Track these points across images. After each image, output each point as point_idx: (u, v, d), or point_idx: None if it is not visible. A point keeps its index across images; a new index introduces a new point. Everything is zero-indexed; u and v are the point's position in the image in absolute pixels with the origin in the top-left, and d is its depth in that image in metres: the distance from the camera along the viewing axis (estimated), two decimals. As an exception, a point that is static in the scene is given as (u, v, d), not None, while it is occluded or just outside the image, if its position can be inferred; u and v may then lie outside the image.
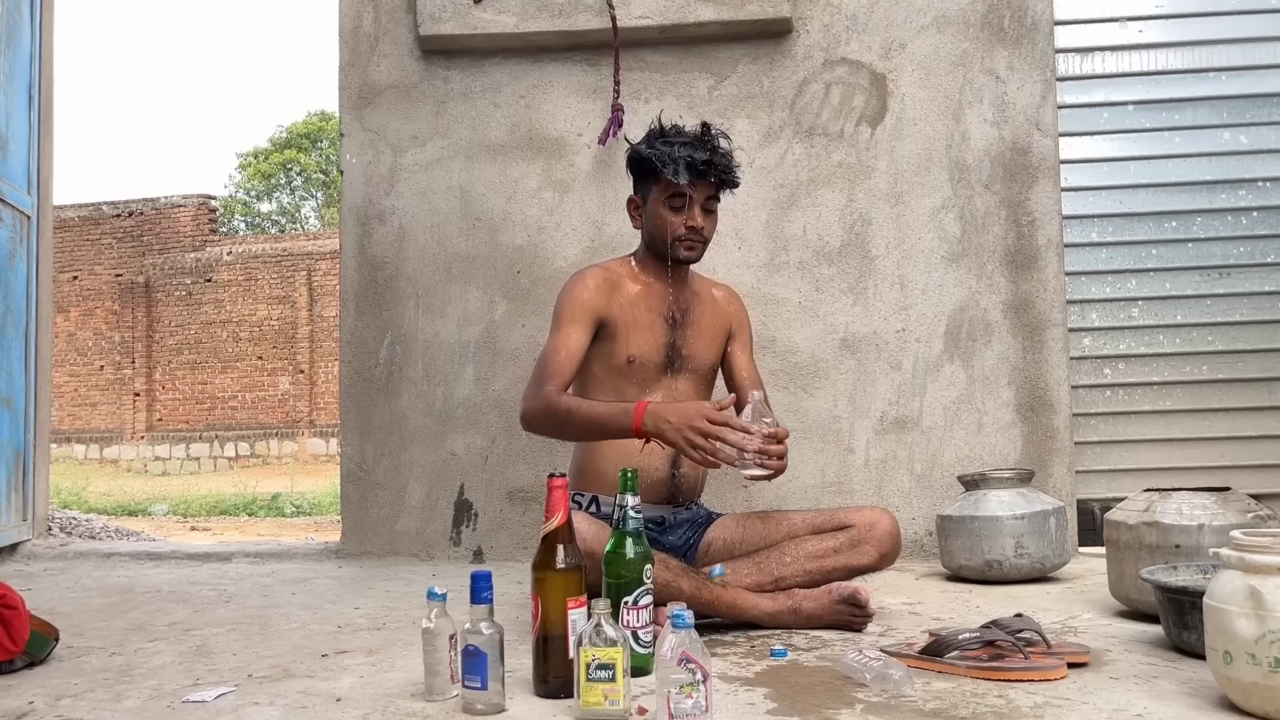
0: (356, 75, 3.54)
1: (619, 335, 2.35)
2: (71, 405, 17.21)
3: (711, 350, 2.47)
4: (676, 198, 2.32)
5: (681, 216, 2.33)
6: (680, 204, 2.32)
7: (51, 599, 2.74)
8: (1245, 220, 3.44)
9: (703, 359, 2.44)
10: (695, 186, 2.31)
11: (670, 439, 2.03)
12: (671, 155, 2.29)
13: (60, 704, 1.73)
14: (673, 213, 2.33)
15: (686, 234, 2.34)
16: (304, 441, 16.46)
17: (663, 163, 2.29)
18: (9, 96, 3.72)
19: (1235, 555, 1.54)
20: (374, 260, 3.51)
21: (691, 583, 2.09)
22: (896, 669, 1.72)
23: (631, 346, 2.35)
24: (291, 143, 29.34)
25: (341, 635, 2.25)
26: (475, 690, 1.60)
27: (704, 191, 2.33)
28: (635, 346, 2.35)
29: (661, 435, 2.04)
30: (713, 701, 1.49)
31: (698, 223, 2.34)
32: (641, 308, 2.38)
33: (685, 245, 2.35)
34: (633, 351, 2.35)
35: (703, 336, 2.45)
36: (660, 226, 2.36)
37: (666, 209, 2.34)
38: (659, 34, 3.37)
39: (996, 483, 2.85)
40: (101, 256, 17.59)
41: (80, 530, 5.63)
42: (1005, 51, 3.39)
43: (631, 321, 2.36)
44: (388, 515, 3.45)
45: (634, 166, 2.42)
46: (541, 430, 2.30)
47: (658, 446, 2.14)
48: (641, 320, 2.37)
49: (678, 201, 2.32)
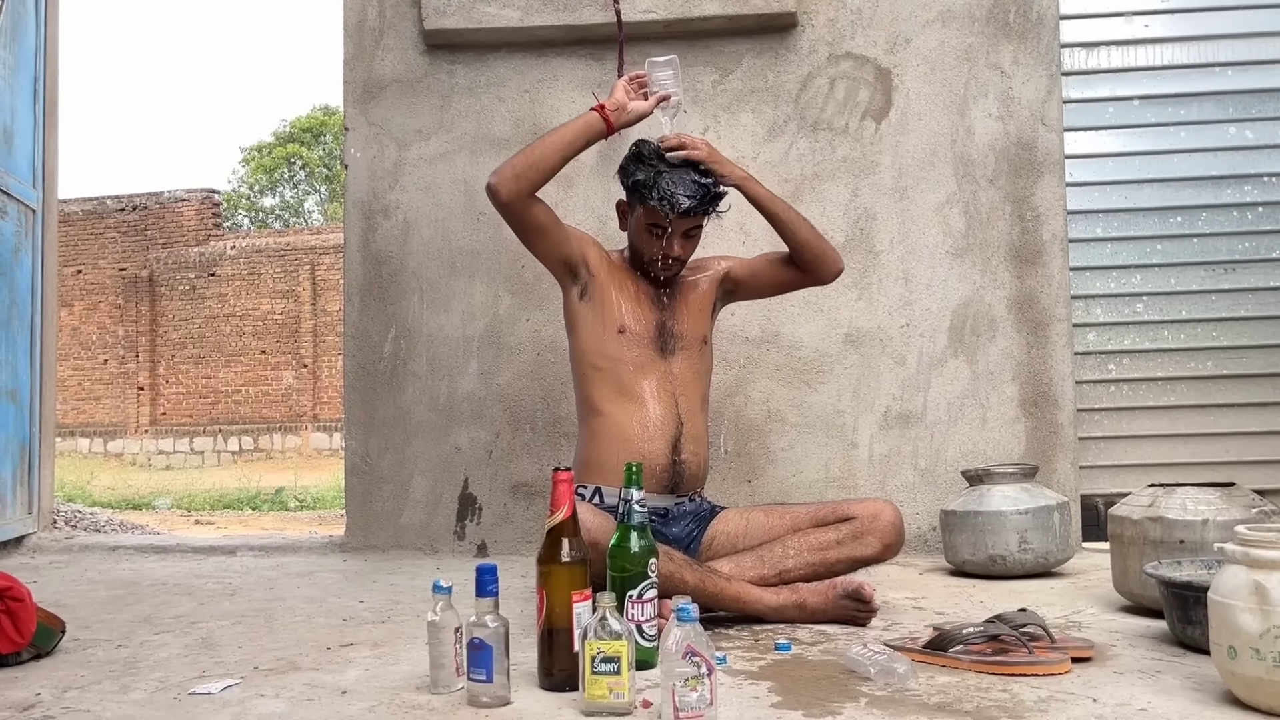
0: (361, 69, 3.54)
1: (608, 298, 2.38)
2: (75, 399, 17.23)
3: (701, 323, 2.49)
4: (657, 226, 2.34)
5: (660, 245, 2.36)
6: (660, 233, 2.34)
7: (57, 592, 2.75)
8: (1250, 216, 3.44)
9: (694, 335, 2.45)
10: (676, 220, 2.32)
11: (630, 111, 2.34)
12: (659, 187, 2.30)
13: (67, 696, 1.74)
14: (653, 238, 2.36)
15: (662, 259, 2.37)
16: (307, 436, 16.47)
17: (649, 189, 2.31)
18: (14, 90, 3.72)
19: (1240, 550, 1.54)
20: (378, 254, 3.51)
21: (695, 576, 2.10)
22: (901, 663, 1.72)
23: (624, 315, 2.38)
24: (295, 137, 29.32)
25: (346, 628, 2.26)
26: (480, 683, 1.61)
27: (685, 224, 2.35)
28: (627, 316, 2.38)
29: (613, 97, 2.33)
30: (717, 695, 1.49)
31: (674, 253, 2.37)
32: (629, 282, 2.43)
33: (661, 266, 2.39)
34: (625, 321, 2.37)
35: (691, 313, 2.46)
36: (641, 244, 2.40)
37: (647, 233, 2.37)
38: (663, 28, 3.37)
39: (1000, 478, 2.86)
40: (105, 251, 17.60)
41: (85, 524, 5.66)
42: (1010, 46, 3.38)
43: (620, 288, 2.40)
44: (392, 509, 3.45)
45: (624, 179, 2.43)
46: (515, 178, 2.28)
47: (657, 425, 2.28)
48: (629, 292, 2.41)
49: (657, 230, 2.34)
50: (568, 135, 2.32)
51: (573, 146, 2.32)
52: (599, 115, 2.32)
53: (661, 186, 2.30)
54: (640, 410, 2.33)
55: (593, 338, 2.39)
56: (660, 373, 2.38)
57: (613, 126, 2.33)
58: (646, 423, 2.32)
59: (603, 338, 2.37)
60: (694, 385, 2.42)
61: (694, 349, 2.45)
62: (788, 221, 2.45)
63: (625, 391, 2.34)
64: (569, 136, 2.32)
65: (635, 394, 2.34)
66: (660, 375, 2.38)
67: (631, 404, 2.33)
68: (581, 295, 2.41)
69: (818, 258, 2.48)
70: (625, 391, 2.34)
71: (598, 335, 2.38)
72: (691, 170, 2.34)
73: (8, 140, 3.67)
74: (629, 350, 2.36)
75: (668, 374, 2.39)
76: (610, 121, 2.33)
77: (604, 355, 2.37)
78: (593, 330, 2.39)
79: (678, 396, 2.37)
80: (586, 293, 2.41)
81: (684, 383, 2.39)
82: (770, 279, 2.57)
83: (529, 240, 2.39)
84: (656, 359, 2.39)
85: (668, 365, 2.40)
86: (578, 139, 2.32)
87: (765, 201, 2.44)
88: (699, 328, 2.47)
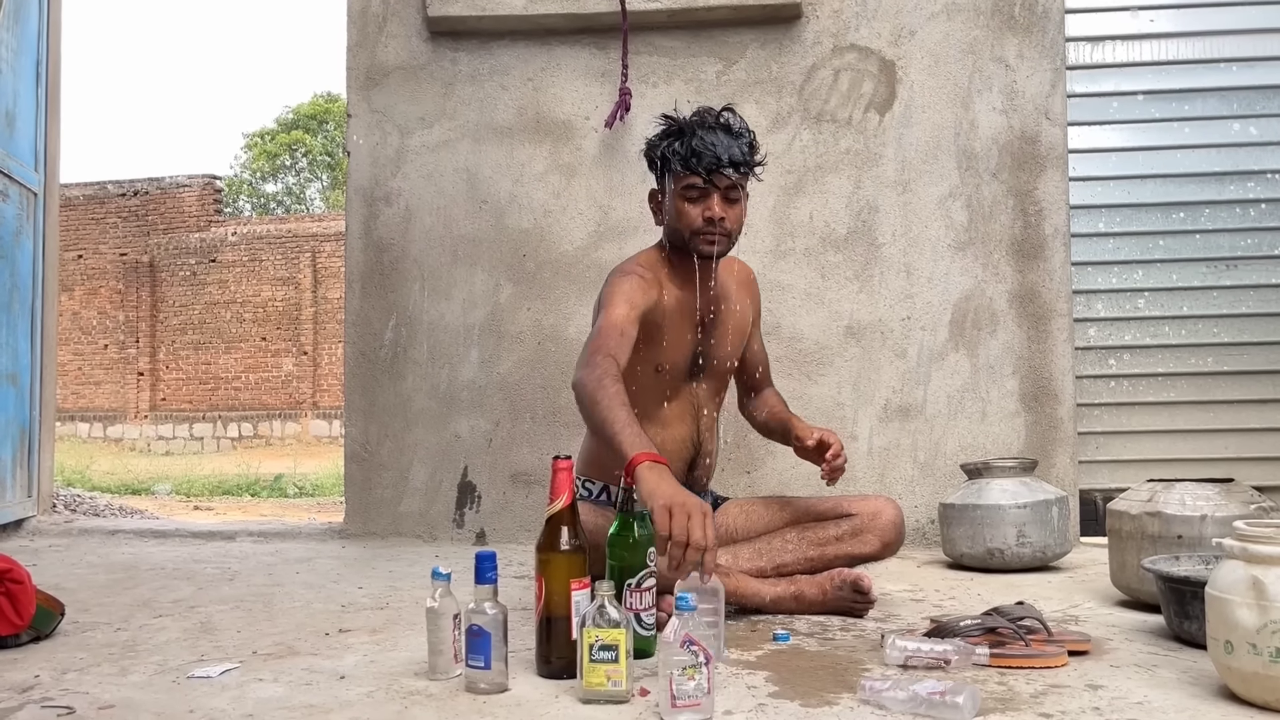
0: (364, 56, 3.54)
1: (655, 340, 2.21)
2: (75, 384, 17.24)
3: (734, 348, 2.38)
4: (692, 188, 2.16)
5: (699, 208, 2.16)
6: (695, 194, 2.16)
7: (57, 575, 2.76)
8: (1253, 212, 3.43)
9: (725, 360, 2.36)
10: (712, 175, 2.14)
11: (648, 505, 1.70)
12: (692, 145, 2.13)
13: (66, 678, 1.74)
14: (689, 204, 2.17)
15: (704, 226, 2.16)
16: (307, 423, 16.48)
17: (673, 151, 2.16)
18: (17, 74, 3.71)
19: (1238, 545, 1.54)
20: (380, 242, 3.51)
21: (694, 567, 2.08)
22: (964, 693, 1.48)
23: (664, 355, 2.23)
24: (298, 124, 29.28)
25: (345, 614, 2.26)
26: (479, 670, 1.61)
27: (722, 180, 2.15)
28: (667, 356, 2.23)
29: (644, 499, 1.72)
30: (714, 684, 1.50)
31: (715, 212, 2.15)
32: (676, 315, 2.23)
33: (704, 239, 2.17)
34: (663, 360, 2.23)
35: (728, 338, 2.34)
36: (680, 220, 2.19)
37: (683, 200, 2.18)
38: (668, 17, 3.36)
39: (999, 471, 2.86)
40: (106, 236, 17.59)
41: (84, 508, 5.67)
42: (1015, 39, 3.38)
43: (669, 327, 2.22)
44: (391, 496, 3.46)
45: (650, 159, 2.28)
46: (578, 400, 1.96)
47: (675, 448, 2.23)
48: (675, 327, 2.23)
49: (693, 192, 2.16)
50: (603, 438, 1.90)
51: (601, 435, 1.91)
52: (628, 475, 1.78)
53: (694, 145, 2.13)
54: (660, 432, 2.24)
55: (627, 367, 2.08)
56: (685, 397, 2.29)
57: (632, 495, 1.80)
58: (665, 445, 2.23)
59: (636, 372, 2.18)
60: (713, 404, 2.37)
61: (723, 372, 2.37)
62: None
63: (647, 414, 2.21)
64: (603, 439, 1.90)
65: (657, 418, 2.25)
66: (685, 400, 2.29)
67: (652, 425, 2.22)
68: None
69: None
70: (647, 414, 2.21)
71: (632, 367, 2.13)
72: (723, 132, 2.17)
73: (10, 123, 3.66)
74: (661, 384, 2.26)
75: (692, 398, 2.30)
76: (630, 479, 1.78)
77: (634, 380, 2.18)
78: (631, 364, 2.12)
79: (699, 416, 2.30)
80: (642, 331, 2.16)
81: (705, 403, 2.33)
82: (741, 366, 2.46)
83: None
84: (683, 384, 2.29)
85: (693, 389, 2.31)
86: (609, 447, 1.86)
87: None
88: (733, 353, 2.37)
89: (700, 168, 2.14)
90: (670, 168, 2.19)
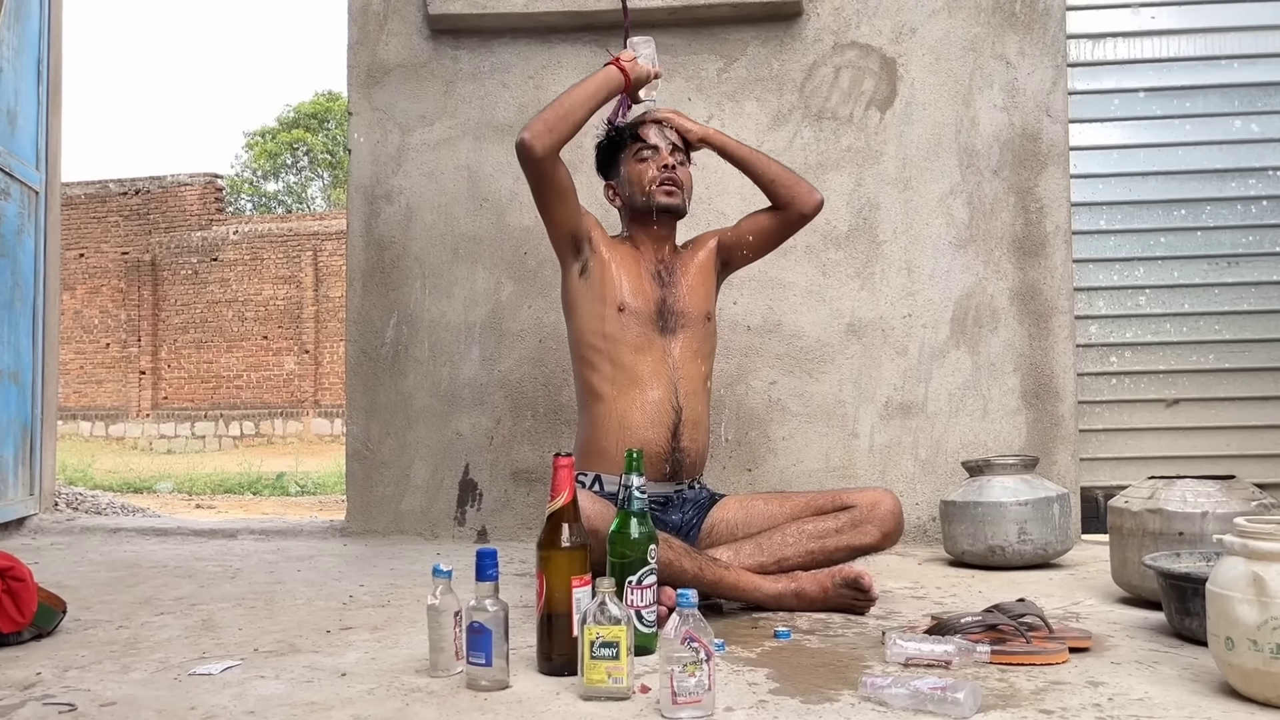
0: (365, 54, 3.54)
1: (608, 274, 2.38)
2: (77, 382, 17.26)
3: (704, 297, 2.48)
4: (644, 148, 2.44)
5: (653, 163, 2.43)
6: (648, 153, 2.44)
7: (59, 572, 2.76)
8: (1255, 209, 3.43)
9: (697, 310, 2.44)
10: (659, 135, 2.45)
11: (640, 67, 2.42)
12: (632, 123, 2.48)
13: (68, 675, 1.75)
14: (643, 164, 2.44)
15: (660, 173, 2.41)
16: (308, 421, 16.49)
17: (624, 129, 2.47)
18: (18, 72, 3.71)
19: (1239, 542, 1.54)
20: (381, 240, 3.51)
21: (694, 563, 2.10)
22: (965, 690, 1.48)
23: (624, 292, 2.36)
24: (299, 122, 29.27)
25: (346, 612, 2.26)
26: (480, 667, 1.61)
27: (667, 140, 2.45)
28: (627, 293, 2.37)
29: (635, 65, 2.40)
30: (715, 680, 1.50)
31: (667, 160, 2.43)
32: (629, 258, 2.43)
33: (664, 189, 2.42)
34: (624, 298, 2.36)
35: (693, 287, 2.46)
36: (635, 182, 2.45)
37: (637, 163, 2.44)
38: (669, 15, 3.36)
39: (1001, 469, 2.86)
40: (108, 234, 17.60)
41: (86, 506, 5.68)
42: (1016, 37, 3.37)
43: (620, 262, 2.40)
44: (393, 494, 3.46)
45: (601, 155, 2.54)
46: (548, 131, 2.30)
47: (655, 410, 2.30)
48: (630, 267, 2.41)
49: (646, 152, 2.44)
50: (591, 87, 2.38)
51: (596, 98, 2.38)
52: (616, 68, 2.40)
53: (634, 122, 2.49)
54: (639, 394, 2.31)
55: (591, 316, 2.37)
56: (659, 353, 2.35)
57: (629, 79, 2.41)
58: (645, 407, 2.30)
59: (602, 315, 2.36)
60: (694, 367, 2.39)
61: (697, 326, 2.42)
62: (755, 163, 2.53)
63: (624, 373, 2.32)
64: (592, 88, 2.38)
65: (634, 376, 2.32)
66: (659, 356, 2.35)
67: (631, 388, 2.31)
68: (582, 272, 2.40)
69: (790, 189, 2.53)
70: (624, 373, 2.32)
71: (597, 314, 2.36)
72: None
73: (11, 122, 3.66)
74: (628, 329, 2.34)
75: (666, 355, 2.36)
76: (627, 74, 2.41)
77: (603, 335, 2.35)
78: (591, 309, 2.37)
79: (677, 381, 2.34)
80: (586, 270, 2.39)
81: (683, 364, 2.37)
82: (757, 230, 2.56)
83: (550, 201, 2.39)
84: (656, 338, 2.36)
85: (666, 345, 2.37)
86: (600, 90, 2.38)
87: (731, 149, 2.54)
88: (702, 302, 2.46)
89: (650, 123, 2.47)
90: (623, 146, 2.48)
